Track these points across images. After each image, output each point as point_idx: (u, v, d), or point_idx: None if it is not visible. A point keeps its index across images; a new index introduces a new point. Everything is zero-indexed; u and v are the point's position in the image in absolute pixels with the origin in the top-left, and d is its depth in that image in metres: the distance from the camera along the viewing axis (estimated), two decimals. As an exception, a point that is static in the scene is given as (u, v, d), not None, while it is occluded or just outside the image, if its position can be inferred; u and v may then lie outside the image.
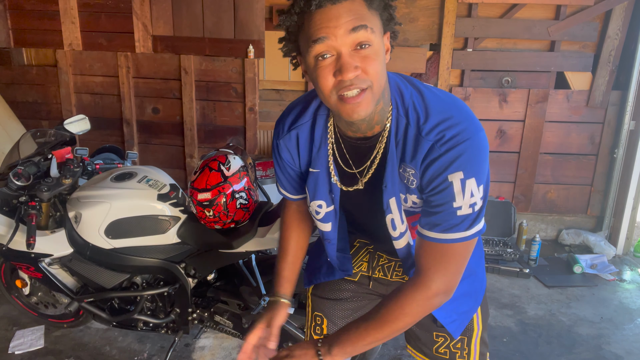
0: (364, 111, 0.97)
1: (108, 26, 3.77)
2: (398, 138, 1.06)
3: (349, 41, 0.93)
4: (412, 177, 1.06)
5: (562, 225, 3.87)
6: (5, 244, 2.11)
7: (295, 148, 1.21)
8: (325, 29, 0.92)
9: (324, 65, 0.95)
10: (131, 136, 3.94)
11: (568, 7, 3.43)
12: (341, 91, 0.95)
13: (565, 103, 3.62)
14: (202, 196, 1.92)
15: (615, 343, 2.65)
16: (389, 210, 1.13)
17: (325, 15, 0.93)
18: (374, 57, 0.94)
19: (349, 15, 0.92)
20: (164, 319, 2.21)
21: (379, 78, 0.97)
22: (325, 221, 1.25)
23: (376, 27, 0.96)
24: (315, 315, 1.48)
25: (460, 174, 0.97)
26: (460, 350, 1.34)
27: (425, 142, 1.00)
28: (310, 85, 3.68)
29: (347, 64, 0.93)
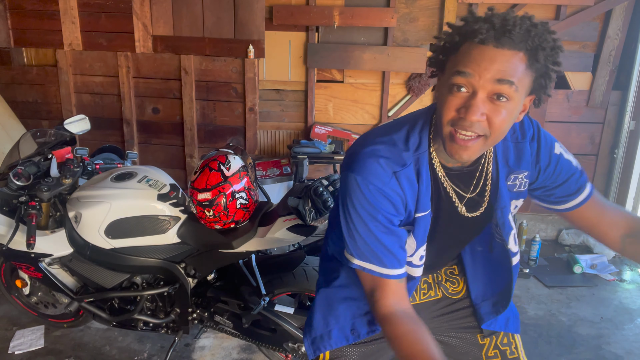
0: (467, 156, 0.97)
1: (108, 26, 3.77)
2: (499, 156, 1.12)
3: (489, 87, 0.91)
4: (524, 179, 1.14)
5: (562, 225, 3.87)
6: (5, 244, 2.11)
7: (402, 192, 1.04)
8: (475, 66, 0.91)
9: (455, 95, 0.94)
10: (131, 136, 3.94)
11: (568, 7, 3.43)
12: (457, 127, 0.94)
13: (565, 103, 3.62)
14: (202, 196, 1.92)
15: (615, 343, 2.65)
16: (510, 228, 1.16)
17: (482, 53, 0.91)
18: (504, 111, 0.93)
19: (504, 65, 0.90)
20: (164, 319, 2.21)
21: (499, 133, 0.95)
22: (422, 266, 1.14)
23: (523, 87, 0.93)
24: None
25: (555, 144, 1.14)
26: (509, 346, 1.31)
27: (524, 144, 1.11)
28: (309, 87, 3.68)
29: (475, 106, 0.91)
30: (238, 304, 2.12)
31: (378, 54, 3.57)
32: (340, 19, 3.54)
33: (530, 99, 1.01)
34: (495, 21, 0.90)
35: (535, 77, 0.96)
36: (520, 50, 0.91)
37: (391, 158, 1.02)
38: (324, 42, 3.64)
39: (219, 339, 2.56)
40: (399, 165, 1.02)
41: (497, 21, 0.90)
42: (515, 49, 0.90)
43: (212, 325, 2.22)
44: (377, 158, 1.01)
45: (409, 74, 3.66)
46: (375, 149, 1.03)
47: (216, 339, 2.56)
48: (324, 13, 3.52)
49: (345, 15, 3.52)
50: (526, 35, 0.90)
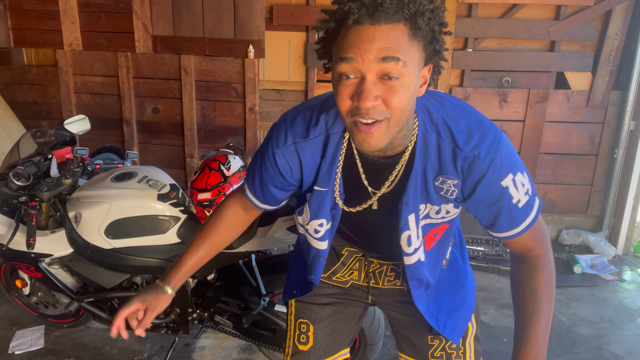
0: (375, 143, 0.93)
1: (108, 26, 3.77)
2: (429, 152, 1.04)
3: (375, 69, 0.87)
4: (452, 187, 1.06)
5: (562, 225, 3.87)
6: (5, 244, 2.11)
7: (297, 162, 1.11)
8: (355, 49, 0.86)
9: (345, 84, 0.90)
10: (131, 136, 3.94)
11: (568, 7, 3.43)
12: (356, 117, 0.91)
13: (565, 103, 3.62)
14: (202, 196, 1.92)
15: (615, 343, 2.65)
16: (406, 227, 1.11)
17: (359, 34, 0.86)
18: (399, 89, 0.88)
19: (384, 42, 0.85)
20: (164, 319, 2.21)
21: (400, 112, 0.91)
22: (323, 239, 1.20)
23: (413, 60, 0.88)
24: (300, 322, 1.39)
25: (510, 175, 1.03)
26: (456, 351, 1.33)
27: (464, 154, 1.01)
28: (309, 87, 3.68)
29: (367, 91, 0.87)
30: (238, 304, 2.13)
31: (378, 54, 3.57)
32: (340, 19, 3.53)
33: (428, 69, 0.97)
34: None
35: (425, 45, 0.91)
36: (399, 22, 0.86)
37: (297, 127, 1.09)
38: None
39: (219, 339, 2.56)
40: (301, 137, 1.09)
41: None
42: (392, 21, 0.85)
43: (212, 325, 2.22)
44: (286, 125, 1.11)
45: (409, 74, 3.66)
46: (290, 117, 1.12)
47: (216, 339, 2.56)
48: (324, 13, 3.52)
49: (345, 15, 3.52)
50: (400, 5, 0.85)
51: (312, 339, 1.38)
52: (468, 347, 1.34)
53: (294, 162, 1.12)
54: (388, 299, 1.38)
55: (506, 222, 1.09)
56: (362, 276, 1.36)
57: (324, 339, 1.39)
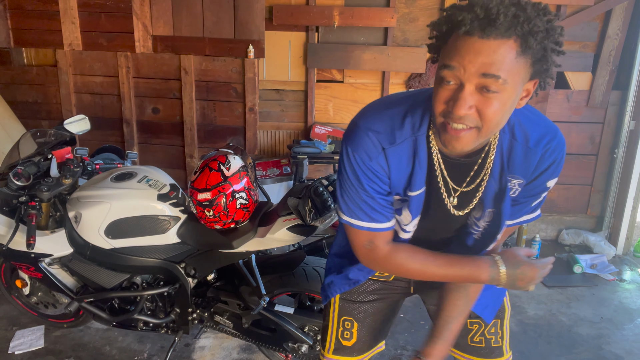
0: (460, 146, 0.94)
1: (108, 26, 3.77)
2: (503, 154, 1.06)
3: (475, 81, 0.88)
4: (517, 186, 1.09)
5: (562, 225, 3.87)
6: (5, 244, 2.11)
7: (386, 165, 1.07)
8: (460, 59, 0.87)
9: (444, 88, 0.91)
10: (131, 136, 3.94)
11: (568, 7, 3.43)
12: (448, 120, 0.92)
13: (565, 103, 3.62)
14: (202, 196, 1.92)
15: (615, 343, 2.65)
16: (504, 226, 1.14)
17: (467, 45, 0.87)
18: (495, 103, 0.89)
19: (490, 57, 0.85)
20: (164, 319, 2.21)
21: (493, 125, 0.92)
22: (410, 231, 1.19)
23: (516, 76, 0.88)
24: (345, 319, 1.40)
25: (555, 179, 1.10)
26: (495, 335, 1.34)
27: (534, 153, 1.05)
28: (309, 87, 3.68)
29: (462, 99, 0.88)
30: (238, 304, 2.13)
31: (378, 54, 3.57)
32: (340, 19, 3.54)
33: (534, 83, 0.96)
34: (478, 10, 0.85)
35: (533, 62, 0.91)
36: (509, 38, 0.85)
37: (382, 134, 1.04)
38: (323, 42, 3.64)
39: (219, 339, 2.56)
40: (389, 142, 1.04)
41: (480, 10, 0.85)
42: (503, 37, 0.85)
43: (212, 325, 2.22)
44: (368, 132, 1.04)
45: (409, 73, 3.66)
46: (369, 124, 1.05)
47: (216, 339, 2.56)
48: (324, 13, 3.52)
49: (345, 15, 3.52)
50: (514, 22, 0.84)
51: (356, 335, 1.40)
52: (505, 331, 1.36)
53: (385, 165, 1.07)
54: (427, 287, 1.39)
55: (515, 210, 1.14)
56: None
57: (367, 335, 1.42)
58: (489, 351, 1.35)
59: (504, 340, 1.35)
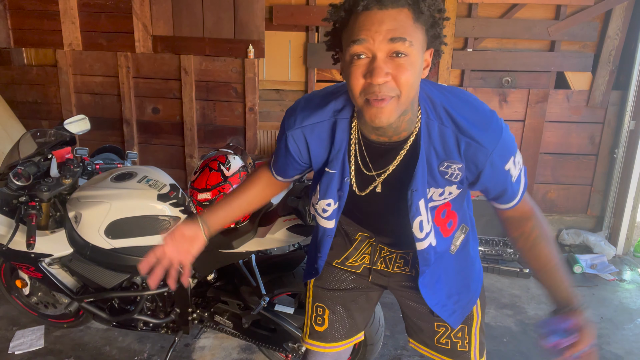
0: (386, 118, 1.00)
1: (108, 26, 3.77)
2: (432, 139, 1.09)
3: (385, 48, 0.95)
4: (457, 171, 1.12)
5: (562, 225, 3.87)
6: (5, 244, 2.11)
7: (305, 145, 1.20)
8: (366, 31, 0.95)
9: (357, 64, 0.98)
10: (131, 136, 3.94)
11: (568, 7, 3.43)
12: (368, 95, 0.98)
13: (565, 103, 3.62)
14: (202, 196, 1.92)
15: (615, 343, 2.65)
16: (418, 213, 1.16)
17: (369, 18, 0.95)
18: (407, 67, 0.96)
19: (392, 24, 0.94)
20: (164, 319, 2.21)
21: (408, 89, 0.98)
22: (330, 219, 1.27)
23: (417, 41, 0.98)
24: (317, 306, 1.49)
25: (512, 158, 1.11)
26: (461, 340, 1.37)
27: (466, 140, 1.07)
28: (309, 87, 3.68)
29: (378, 68, 0.95)
30: (238, 304, 2.13)
31: (378, 54, 3.57)
32: (340, 19, 3.53)
33: (430, 53, 1.06)
34: None
35: (426, 29, 1.00)
36: (404, 7, 0.95)
37: (305, 113, 1.18)
38: (324, 42, 3.63)
39: (219, 339, 2.56)
40: (308, 120, 1.17)
41: None
42: (398, 6, 0.95)
43: (212, 325, 2.22)
44: (295, 111, 1.20)
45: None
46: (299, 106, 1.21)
47: (216, 339, 2.56)
48: (324, 13, 3.52)
49: (345, 15, 3.52)
50: None
51: (327, 322, 1.46)
52: (473, 337, 1.38)
53: (302, 144, 1.21)
54: (397, 284, 1.43)
55: (510, 195, 1.17)
56: (374, 260, 1.42)
57: (339, 322, 1.47)
58: (454, 353, 1.38)
59: (472, 347, 1.38)
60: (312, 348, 1.49)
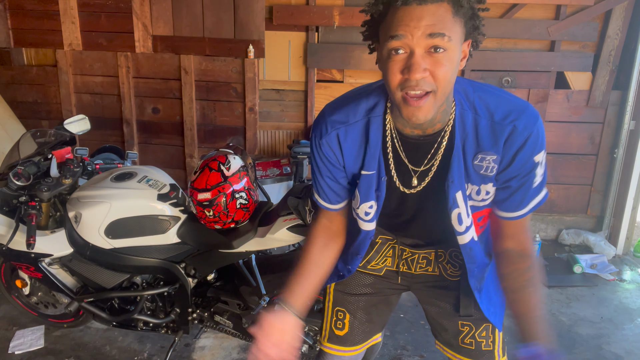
0: (423, 116, 0.99)
1: (108, 26, 3.77)
2: (467, 131, 1.09)
3: (424, 43, 0.94)
4: (492, 163, 1.10)
5: (562, 225, 3.87)
6: (5, 244, 2.11)
7: (338, 147, 1.17)
8: (405, 27, 0.94)
9: (395, 60, 0.97)
10: (131, 136, 3.94)
11: (568, 7, 3.43)
12: (406, 90, 0.97)
13: (565, 103, 3.62)
14: (202, 196, 1.92)
15: (615, 343, 2.65)
16: (455, 205, 1.14)
17: (408, 13, 0.94)
18: (445, 62, 0.95)
19: (431, 19, 0.93)
20: (164, 319, 2.21)
21: (446, 84, 0.98)
22: (372, 220, 1.24)
23: (456, 35, 0.96)
24: (338, 310, 1.46)
25: (543, 152, 1.08)
26: (486, 339, 1.35)
27: (502, 128, 1.06)
28: (309, 87, 3.68)
29: (416, 64, 0.94)
30: (238, 304, 2.13)
31: (378, 54, 3.57)
32: (340, 18, 3.54)
33: (467, 44, 1.05)
34: None
35: (465, 22, 0.99)
36: (443, 1, 0.94)
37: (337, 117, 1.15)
38: (324, 42, 3.64)
39: (219, 339, 2.56)
40: (342, 123, 1.14)
41: None
42: (437, 0, 0.93)
43: (212, 325, 2.22)
44: (325, 116, 1.16)
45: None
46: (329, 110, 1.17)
47: (216, 339, 2.56)
48: (324, 13, 3.52)
49: (345, 15, 3.52)
50: None
51: (348, 326, 1.44)
52: (497, 337, 1.36)
53: (336, 148, 1.17)
54: (421, 285, 1.41)
55: (518, 200, 1.13)
56: (396, 262, 1.40)
57: (360, 327, 1.45)
58: (478, 353, 1.36)
59: (496, 345, 1.36)
60: (331, 352, 1.47)
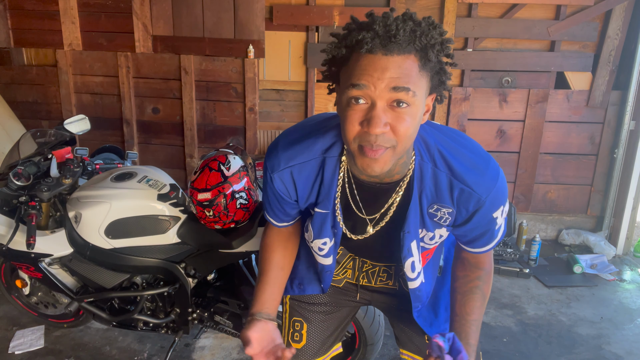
0: (379, 169, 0.95)
1: (108, 26, 3.77)
2: (425, 182, 1.06)
3: (387, 96, 0.89)
4: (447, 215, 1.09)
5: (562, 225, 3.87)
6: (5, 244, 2.11)
7: (292, 184, 1.14)
8: (368, 77, 0.88)
9: (355, 109, 0.91)
10: (131, 136, 3.94)
11: (568, 7, 3.43)
12: (363, 143, 0.92)
13: (565, 103, 3.62)
14: (202, 196, 1.92)
15: (615, 343, 2.65)
16: (410, 254, 1.14)
17: (372, 62, 0.88)
18: (407, 117, 0.90)
19: (397, 72, 0.87)
20: (164, 319, 2.21)
21: (406, 140, 0.93)
22: (327, 256, 1.23)
23: (421, 90, 0.91)
24: (294, 320, 1.43)
25: (501, 207, 1.09)
26: None
27: (460, 186, 1.04)
28: (309, 87, 3.68)
29: (377, 117, 0.89)
30: (238, 304, 2.13)
31: (378, 54, 3.57)
32: (340, 18, 3.54)
33: (431, 98, 1.00)
34: (378, 28, 0.87)
35: (432, 76, 0.94)
36: (410, 53, 0.89)
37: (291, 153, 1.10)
38: (324, 42, 3.64)
39: (219, 339, 2.56)
40: (295, 160, 1.10)
41: (380, 28, 0.87)
42: (405, 52, 0.88)
43: (212, 325, 2.22)
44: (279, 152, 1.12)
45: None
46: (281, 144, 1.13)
47: (216, 339, 2.56)
48: (324, 13, 3.53)
49: (345, 15, 3.52)
50: (412, 37, 0.88)
51: (305, 337, 1.41)
52: None
53: (289, 184, 1.14)
54: (381, 297, 1.41)
55: (484, 241, 1.15)
56: (356, 275, 1.39)
57: (318, 338, 1.42)
58: None
59: None
60: None
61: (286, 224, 1.27)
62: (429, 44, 0.89)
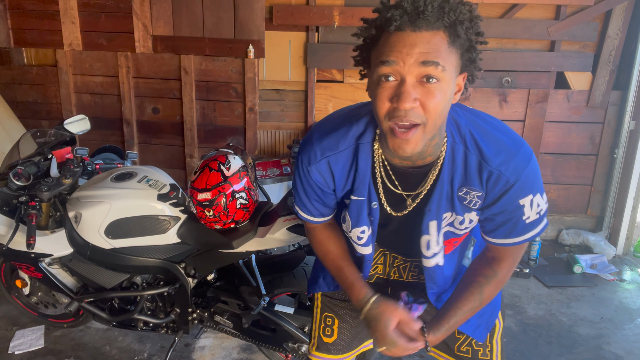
0: (411, 149, 0.95)
1: (108, 26, 3.77)
2: (456, 164, 1.06)
3: (416, 71, 0.90)
4: (476, 198, 1.08)
5: (562, 225, 3.87)
6: (5, 244, 2.11)
7: (330, 174, 1.15)
8: (397, 53, 0.89)
9: (385, 87, 0.93)
10: (131, 136, 3.94)
11: (568, 7, 3.43)
12: (394, 120, 0.93)
13: (565, 103, 3.62)
14: (202, 196, 1.92)
15: (615, 343, 2.65)
16: (426, 232, 1.14)
17: (401, 39, 0.89)
18: (437, 93, 0.91)
19: (425, 47, 0.88)
20: (164, 319, 2.21)
21: (436, 117, 0.93)
22: (366, 245, 1.23)
23: (451, 65, 0.92)
24: (326, 316, 1.44)
25: (530, 196, 1.05)
26: (483, 348, 1.34)
27: (489, 169, 1.03)
28: (309, 87, 3.68)
29: (406, 92, 0.90)
30: (238, 304, 2.13)
31: (378, 54, 3.57)
32: (340, 19, 3.54)
33: (463, 77, 1.00)
34: (406, 5, 0.89)
35: (462, 53, 0.94)
36: (439, 29, 0.89)
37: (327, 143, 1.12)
38: (324, 42, 3.64)
39: (219, 339, 2.56)
40: (331, 150, 1.11)
41: (408, 5, 0.89)
42: (433, 28, 0.89)
43: (212, 325, 2.22)
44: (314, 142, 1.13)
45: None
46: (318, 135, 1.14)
47: (216, 339, 2.56)
48: (324, 13, 3.52)
49: (345, 15, 3.52)
50: (440, 13, 0.88)
51: (337, 332, 1.42)
52: (495, 345, 1.36)
53: (327, 175, 1.15)
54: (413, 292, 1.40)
55: (505, 232, 1.12)
56: (387, 270, 1.39)
57: (349, 333, 1.43)
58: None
59: (494, 355, 1.36)
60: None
61: (326, 218, 1.28)
62: (458, 19, 0.90)
